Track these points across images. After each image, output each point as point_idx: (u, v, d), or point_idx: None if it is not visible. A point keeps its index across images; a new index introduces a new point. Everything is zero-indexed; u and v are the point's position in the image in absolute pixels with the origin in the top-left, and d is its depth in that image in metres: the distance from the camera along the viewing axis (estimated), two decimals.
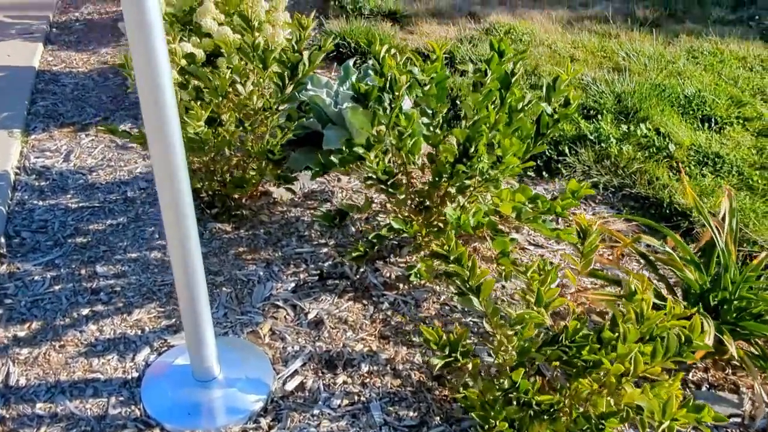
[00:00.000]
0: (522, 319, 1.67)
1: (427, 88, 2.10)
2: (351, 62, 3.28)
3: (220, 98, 2.53)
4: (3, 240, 2.53)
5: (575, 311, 1.92)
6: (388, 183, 2.14)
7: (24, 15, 4.66)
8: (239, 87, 2.62)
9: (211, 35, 3.30)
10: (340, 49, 4.06)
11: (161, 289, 2.32)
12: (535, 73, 3.79)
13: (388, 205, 2.68)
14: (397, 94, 2.24)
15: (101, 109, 3.49)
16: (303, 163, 2.85)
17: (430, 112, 2.16)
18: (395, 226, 2.18)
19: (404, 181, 2.23)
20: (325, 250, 2.52)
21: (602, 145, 3.04)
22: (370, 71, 3.19)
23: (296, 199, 2.79)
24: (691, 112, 3.35)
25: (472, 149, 2.10)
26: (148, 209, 2.72)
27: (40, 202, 2.76)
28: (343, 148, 2.46)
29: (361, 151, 2.11)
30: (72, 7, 4.99)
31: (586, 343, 1.68)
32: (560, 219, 2.65)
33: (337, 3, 4.77)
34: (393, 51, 2.38)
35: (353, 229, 2.63)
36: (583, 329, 1.69)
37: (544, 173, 3.01)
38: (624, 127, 3.14)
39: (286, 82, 2.53)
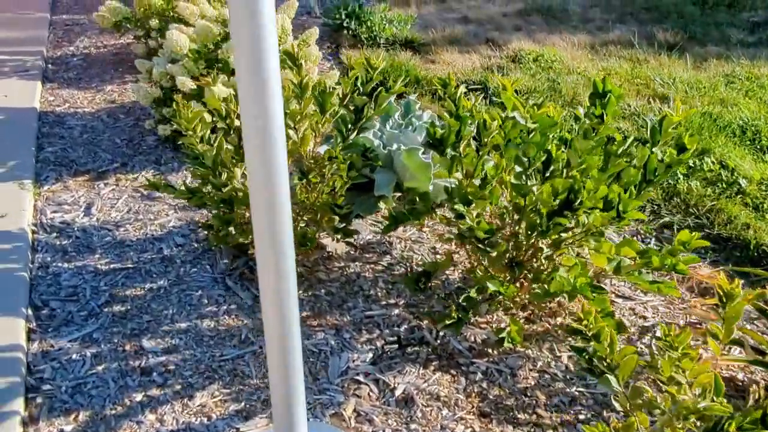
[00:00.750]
0: (686, 409, 1.43)
1: (531, 135, 1.87)
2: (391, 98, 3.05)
3: None
4: (30, 312, 2.23)
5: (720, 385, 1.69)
6: (486, 242, 1.90)
7: (16, 51, 4.35)
8: (290, 132, 2.37)
9: None
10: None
11: (221, 365, 2.04)
12: (574, 104, 3.60)
13: (463, 257, 2.45)
14: (486, 140, 2.01)
15: (117, 153, 3.20)
16: (354, 210, 2.60)
17: (525, 160, 1.93)
18: (492, 288, 1.94)
19: (499, 239, 2.00)
20: (396, 311, 2.27)
21: (669, 181, 2.84)
22: (415, 109, 2.97)
23: (352, 252, 2.54)
24: (748, 143, 3.18)
25: (578, 201, 1.88)
26: (190, 269, 2.44)
27: (66, 265, 2.46)
28: (416, 200, 2.22)
29: (462, 209, 1.87)
30: (65, 41, 4.69)
31: (756, 429, 1.46)
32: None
33: (350, 32, 4.55)
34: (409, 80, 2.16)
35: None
36: (752, 414, 1.47)
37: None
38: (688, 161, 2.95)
39: (349, 126, 2.29)
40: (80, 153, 3.20)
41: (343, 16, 4.56)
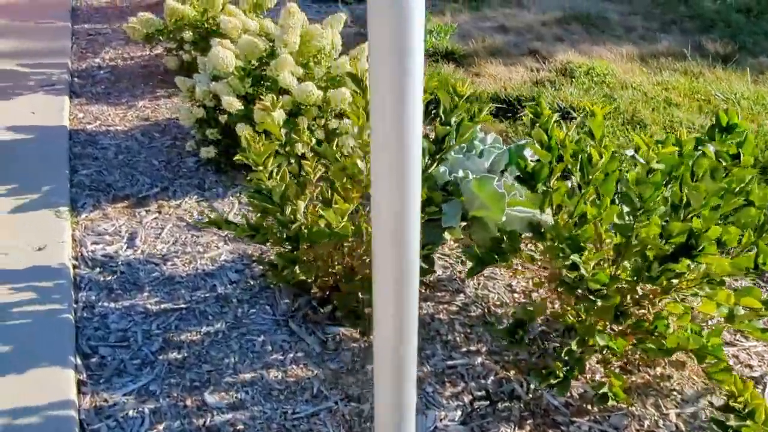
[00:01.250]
0: None
1: (650, 175, 1.67)
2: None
3: (346, 180, 2.07)
4: (79, 360, 2.04)
5: None
6: (597, 292, 1.70)
7: (39, 63, 4.15)
8: (360, 164, 2.17)
9: (290, 92, 2.85)
10: None
11: (296, 425, 1.85)
12: (633, 121, 3.41)
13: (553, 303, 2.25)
14: (590, 178, 1.82)
15: (156, 177, 3.00)
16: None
17: (637, 200, 1.73)
18: (601, 342, 1.74)
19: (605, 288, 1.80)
20: (479, 359, 2.07)
21: None
22: (477, 132, 2.77)
23: (422, 290, 2.34)
24: None
25: (699, 247, 1.68)
26: (249, 311, 2.24)
27: (112, 304, 2.26)
28: (503, 238, 2.02)
29: (577, 258, 1.67)
30: (90, 52, 4.49)
31: None
32: None
33: None
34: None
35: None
36: None
37: None
38: None
39: (427, 158, 2.09)
40: (117, 176, 3.00)
41: None
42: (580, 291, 1.72)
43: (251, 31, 3.14)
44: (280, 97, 2.85)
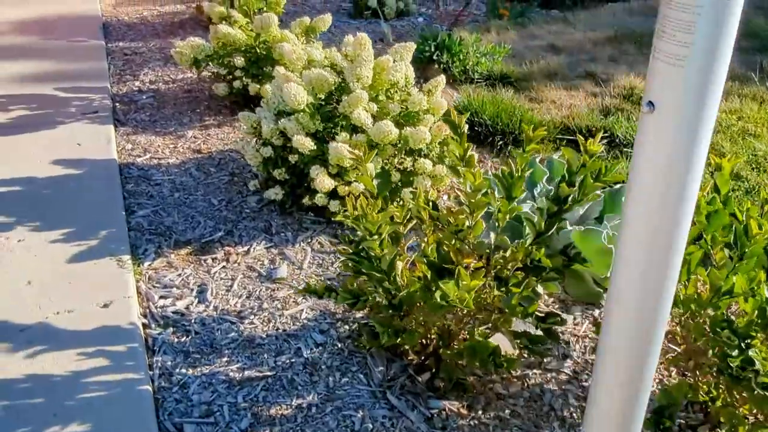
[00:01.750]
0: None
1: None
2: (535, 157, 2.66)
3: (456, 242, 1.89)
4: None
5: None
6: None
7: (78, 87, 3.98)
8: (467, 222, 1.99)
9: (365, 130, 2.67)
10: (474, 128, 3.46)
11: None
12: (712, 154, 3.22)
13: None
14: (747, 250, 1.63)
15: (218, 218, 2.82)
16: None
17: None
18: None
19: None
20: None
21: None
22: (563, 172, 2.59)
23: (526, 355, 2.16)
24: None
25: None
26: (341, 379, 2.06)
27: (191, 371, 2.08)
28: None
29: (755, 354, 1.48)
30: (128, 74, 4.32)
31: None
32: None
33: (439, 66, 4.17)
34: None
35: None
36: None
37: None
38: None
39: (545, 220, 1.91)
40: (176, 218, 2.82)
41: (433, 48, 4.18)
42: (745, 382, 1.54)
43: (316, 61, 2.96)
44: (354, 135, 2.68)
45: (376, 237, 1.73)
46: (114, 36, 5.01)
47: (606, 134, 3.37)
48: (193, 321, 2.28)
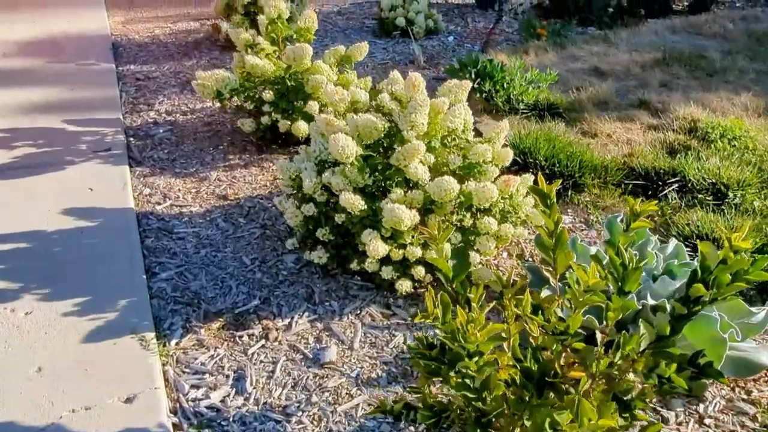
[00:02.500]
0: None
1: None
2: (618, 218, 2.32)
3: (558, 347, 1.55)
4: None
5: None
6: None
7: (88, 119, 3.65)
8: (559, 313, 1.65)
9: (421, 186, 2.33)
10: (528, 168, 3.12)
11: None
12: None
13: None
14: None
15: (251, 282, 2.49)
16: None
17: None
18: None
19: None
20: None
21: None
22: (647, 236, 2.26)
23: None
24: None
25: None
26: None
27: None
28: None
29: None
30: (142, 102, 3.99)
31: None
32: None
33: (481, 96, 3.83)
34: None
35: None
36: None
37: None
38: None
39: (669, 322, 1.57)
40: (203, 281, 2.49)
41: (473, 76, 3.85)
42: None
43: (362, 103, 2.63)
44: (409, 192, 2.34)
45: (476, 359, 1.39)
46: (125, 58, 4.68)
47: (675, 178, 3.04)
48: (231, 419, 1.94)
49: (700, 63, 4.59)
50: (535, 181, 2.29)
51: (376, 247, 2.24)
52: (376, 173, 2.39)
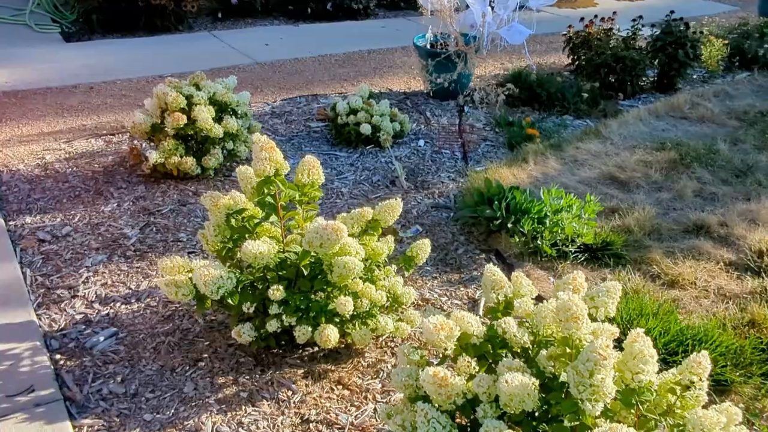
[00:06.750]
0: None
1: None
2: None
3: None
4: None
5: None
6: None
7: None
8: None
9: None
10: None
11: None
12: None
13: None
14: None
15: None
16: None
17: None
18: None
19: None
20: None
21: None
22: None
23: None
24: None
25: None
26: None
27: None
28: None
29: None
30: (59, 284, 2.83)
31: None
32: None
33: (515, 237, 3.01)
34: None
35: None
36: None
37: None
38: None
39: None
40: None
41: (503, 212, 3.02)
42: None
43: (474, 336, 1.71)
44: None
45: None
46: (13, 204, 3.45)
47: None
48: None
49: (716, 160, 4.05)
50: None
51: None
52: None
